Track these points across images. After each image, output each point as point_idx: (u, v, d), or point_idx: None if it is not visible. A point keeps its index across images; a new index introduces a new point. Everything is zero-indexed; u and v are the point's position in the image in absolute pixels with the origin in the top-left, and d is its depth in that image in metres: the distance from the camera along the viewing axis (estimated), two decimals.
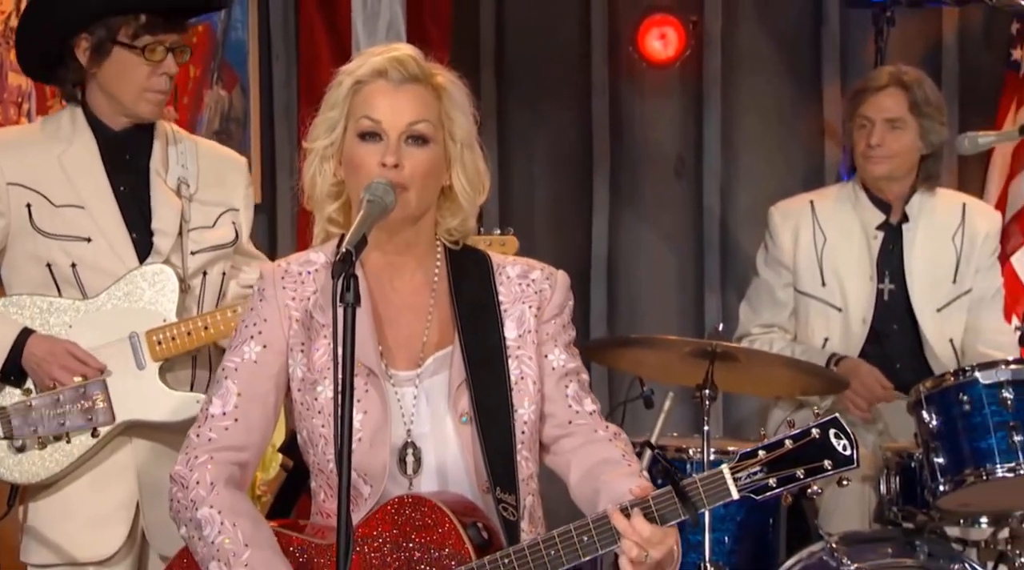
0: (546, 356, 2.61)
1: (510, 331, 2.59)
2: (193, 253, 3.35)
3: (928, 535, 4.00)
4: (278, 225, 5.55)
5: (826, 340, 4.43)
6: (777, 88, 5.80)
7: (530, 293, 2.62)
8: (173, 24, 3.27)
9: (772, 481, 2.36)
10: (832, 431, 2.37)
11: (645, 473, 2.59)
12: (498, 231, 3.94)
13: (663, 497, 2.37)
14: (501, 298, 2.62)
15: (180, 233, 3.33)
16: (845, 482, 3.96)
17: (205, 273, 3.38)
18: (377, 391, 2.53)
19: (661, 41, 5.72)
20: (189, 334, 3.26)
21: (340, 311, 2.25)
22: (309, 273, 2.60)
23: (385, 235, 2.55)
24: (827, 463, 2.36)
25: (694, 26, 5.72)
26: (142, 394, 3.25)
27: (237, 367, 2.59)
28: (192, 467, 2.56)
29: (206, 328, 3.27)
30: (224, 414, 2.58)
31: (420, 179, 2.52)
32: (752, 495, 2.36)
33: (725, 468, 2.36)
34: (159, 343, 3.26)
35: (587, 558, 2.40)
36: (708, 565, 3.98)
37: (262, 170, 5.57)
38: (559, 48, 5.85)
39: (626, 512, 2.37)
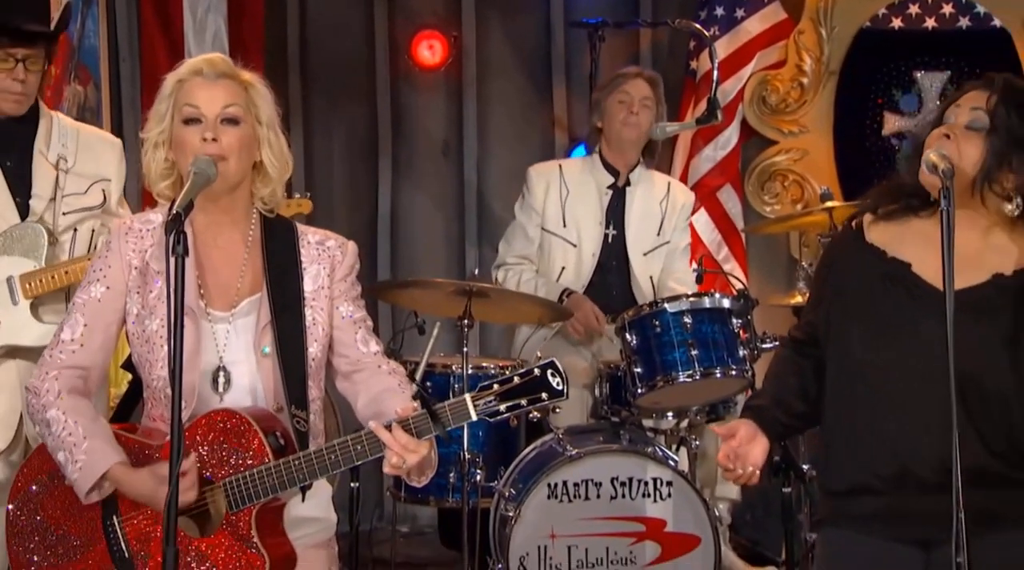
0: (338, 308, 2.60)
1: (307, 285, 2.58)
2: (65, 213, 3.36)
3: (629, 426, 4.12)
4: (127, 199, 5.37)
5: (563, 269, 4.51)
6: (518, 88, 5.82)
7: (325, 257, 2.61)
8: (19, 41, 3.26)
9: (502, 407, 2.36)
10: (549, 371, 2.37)
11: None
12: (297, 195, 3.97)
13: (420, 417, 2.38)
14: (302, 258, 2.59)
15: (54, 198, 3.35)
16: (558, 410, 4.01)
17: (76, 229, 3.39)
18: (193, 326, 2.49)
19: (430, 51, 5.71)
20: (53, 277, 3.29)
21: (172, 261, 2.24)
22: (149, 230, 2.57)
23: (209, 201, 2.52)
24: (544, 395, 2.37)
25: (455, 40, 5.72)
26: (16, 324, 3.29)
27: (85, 303, 2.55)
28: (44, 380, 2.53)
29: (66, 272, 3.30)
30: (72, 340, 2.54)
31: (236, 151, 2.50)
32: (487, 418, 2.37)
33: (468, 397, 2.36)
34: (29, 284, 3.29)
35: (359, 462, 2.41)
36: (466, 453, 4.03)
37: None
38: (351, 56, 5.78)
39: (389, 427, 2.37)
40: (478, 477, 4.05)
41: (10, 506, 2.58)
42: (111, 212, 3.50)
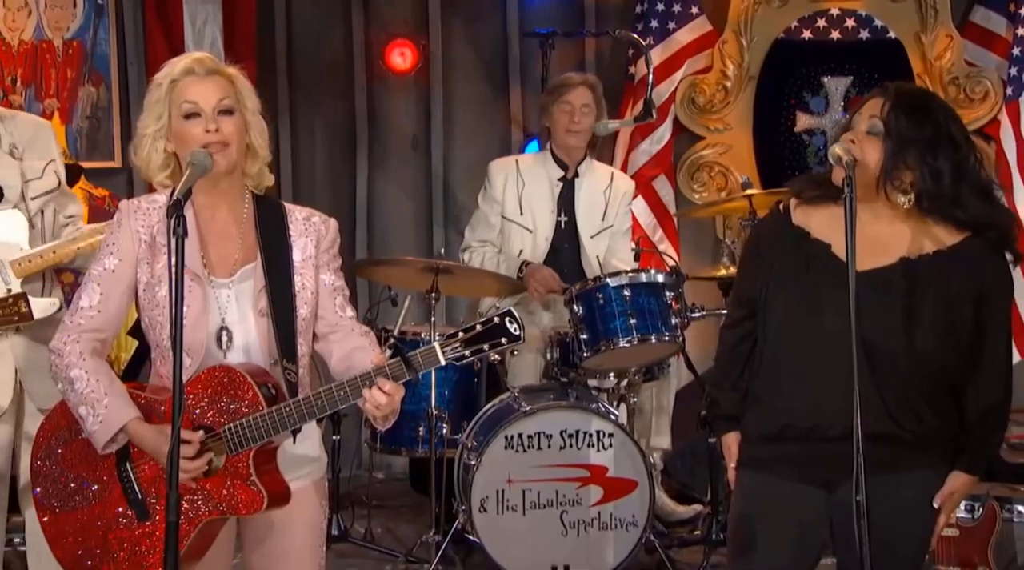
0: (321, 276, 2.59)
1: (296, 255, 2.56)
2: (33, 199, 3.18)
3: (576, 386, 4.13)
4: (134, 187, 5.34)
5: (520, 251, 4.49)
6: (480, 90, 5.80)
7: (311, 231, 2.59)
8: None
9: (467, 352, 2.33)
10: (507, 319, 2.33)
11: (387, 352, 2.57)
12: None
13: (395, 363, 2.36)
14: (291, 232, 2.57)
15: (22, 186, 3.16)
16: (515, 352, 3.99)
17: (43, 212, 3.21)
18: (200, 290, 2.48)
19: (401, 57, 5.67)
20: (41, 257, 3.13)
21: (173, 241, 2.25)
22: (155, 208, 2.53)
23: (209, 183, 2.50)
24: (503, 340, 2.33)
25: (423, 47, 5.69)
26: None
27: (100, 274, 2.51)
28: (66, 343, 2.49)
29: (53, 252, 3.14)
30: (90, 307, 2.50)
31: (236, 138, 2.48)
32: (454, 362, 2.34)
33: (436, 344, 2.33)
34: (19, 265, 3.13)
35: (342, 406, 2.39)
36: (433, 410, 4.04)
37: (122, 144, 5.40)
38: (332, 61, 5.73)
39: (372, 376, 2.36)
40: (444, 430, 4.07)
41: (36, 458, 2.56)
42: (65, 193, 3.30)
